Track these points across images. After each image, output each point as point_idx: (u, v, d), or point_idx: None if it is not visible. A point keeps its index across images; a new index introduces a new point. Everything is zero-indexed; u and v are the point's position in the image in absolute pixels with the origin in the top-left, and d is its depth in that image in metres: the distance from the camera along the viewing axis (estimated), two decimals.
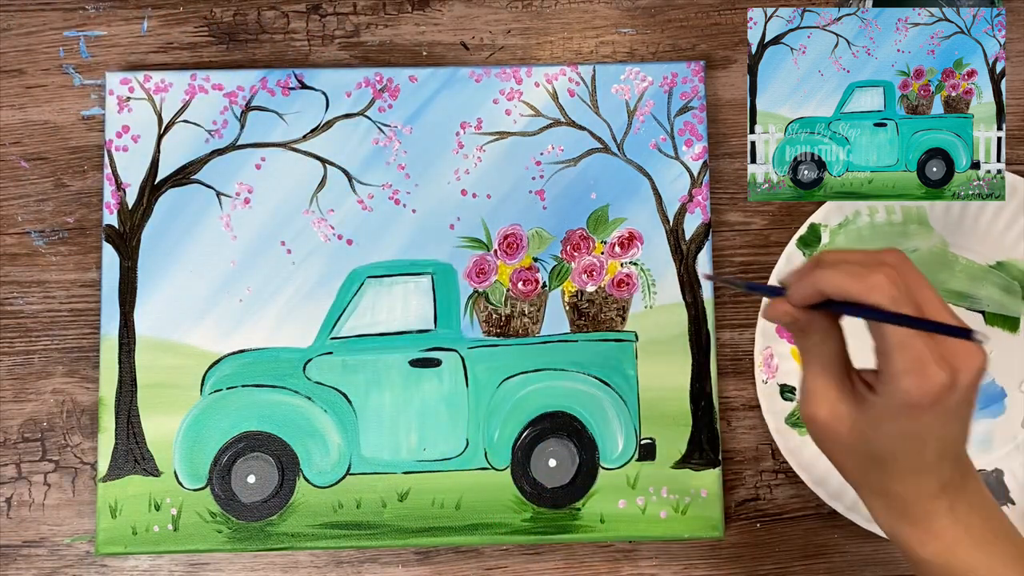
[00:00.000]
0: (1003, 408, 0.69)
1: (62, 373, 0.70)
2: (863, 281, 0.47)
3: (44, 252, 0.70)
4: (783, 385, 0.69)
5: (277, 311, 0.69)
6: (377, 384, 0.69)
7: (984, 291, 0.70)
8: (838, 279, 0.48)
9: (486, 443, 0.68)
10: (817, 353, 0.51)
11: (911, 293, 0.48)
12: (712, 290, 0.70)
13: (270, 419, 0.68)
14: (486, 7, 0.73)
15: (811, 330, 0.50)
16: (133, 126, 0.70)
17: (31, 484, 0.69)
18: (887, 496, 0.51)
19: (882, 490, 0.51)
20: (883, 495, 0.51)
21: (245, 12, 0.72)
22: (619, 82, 0.71)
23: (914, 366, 0.47)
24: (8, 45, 0.72)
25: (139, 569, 0.68)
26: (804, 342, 0.51)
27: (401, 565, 0.69)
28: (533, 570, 0.69)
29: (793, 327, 0.51)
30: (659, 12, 0.73)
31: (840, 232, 0.69)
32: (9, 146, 0.71)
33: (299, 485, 0.68)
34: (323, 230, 0.70)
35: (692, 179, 0.70)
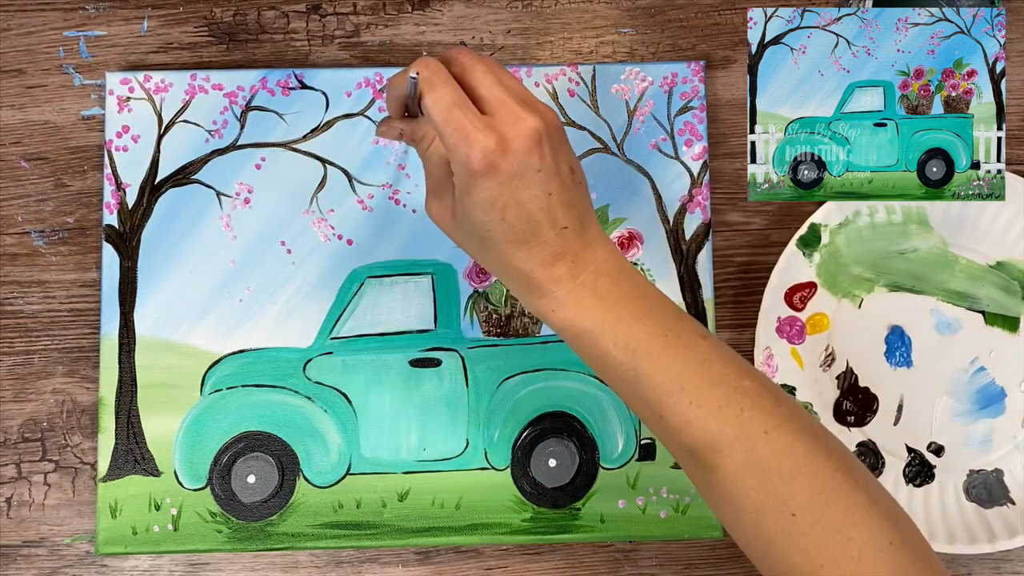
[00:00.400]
0: (1003, 408, 0.70)
1: (62, 373, 0.70)
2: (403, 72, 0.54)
3: (44, 252, 0.70)
4: (783, 385, 0.69)
5: (277, 311, 0.69)
6: (377, 384, 0.69)
7: (984, 291, 0.70)
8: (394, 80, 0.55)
9: (486, 443, 0.68)
10: (427, 156, 0.56)
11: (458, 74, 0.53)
12: (712, 290, 0.70)
13: (270, 419, 0.68)
14: (486, 7, 0.73)
15: (417, 137, 0.56)
16: (133, 126, 0.70)
17: (31, 484, 0.69)
18: (510, 273, 0.54)
19: (504, 269, 0.54)
20: (507, 273, 0.54)
21: (245, 12, 0.73)
22: (619, 82, 0.71)
23: (460, 137, 0.51)
24: (8, 45, 0.72)
25: (139, 569, 0.68)
26: (418, 150, 0.57)
27: (401, 565, 0.69)
28: (533, 570, 0.69)
29: (404, 139, 0.58)
30: (659, 12, 0.73)
31: (840, 232, 0.69)
32: (9, 146, 0.71)
33: (299, 485, 0.68)
34: (323, 230, 0.70)
35: (692, 179, 0.70)
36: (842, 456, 0.52)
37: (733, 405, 0.51)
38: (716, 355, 0.53)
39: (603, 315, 0.53)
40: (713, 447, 0.51)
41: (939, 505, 0.68)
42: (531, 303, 0.54)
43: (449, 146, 0.52)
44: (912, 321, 0.70)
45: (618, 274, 0.54)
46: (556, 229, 0.53)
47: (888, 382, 0.70)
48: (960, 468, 0.69)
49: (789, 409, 0.52)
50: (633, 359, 0.52)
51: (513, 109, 0.52)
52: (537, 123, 0.52)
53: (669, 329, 0.53)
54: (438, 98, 0.52)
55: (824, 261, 0.69)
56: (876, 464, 0.69)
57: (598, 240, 0.55)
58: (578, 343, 0.54)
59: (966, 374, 0.70)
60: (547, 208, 0.52)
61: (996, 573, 0.69)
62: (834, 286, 0.70)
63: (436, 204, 0.56)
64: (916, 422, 0.69)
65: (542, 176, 0.52)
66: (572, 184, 0.54)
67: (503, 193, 0.52)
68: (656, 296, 0.55)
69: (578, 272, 0.53)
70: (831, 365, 0.70)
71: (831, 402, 0.69)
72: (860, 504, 0.50)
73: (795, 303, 0.69)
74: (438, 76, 0.52)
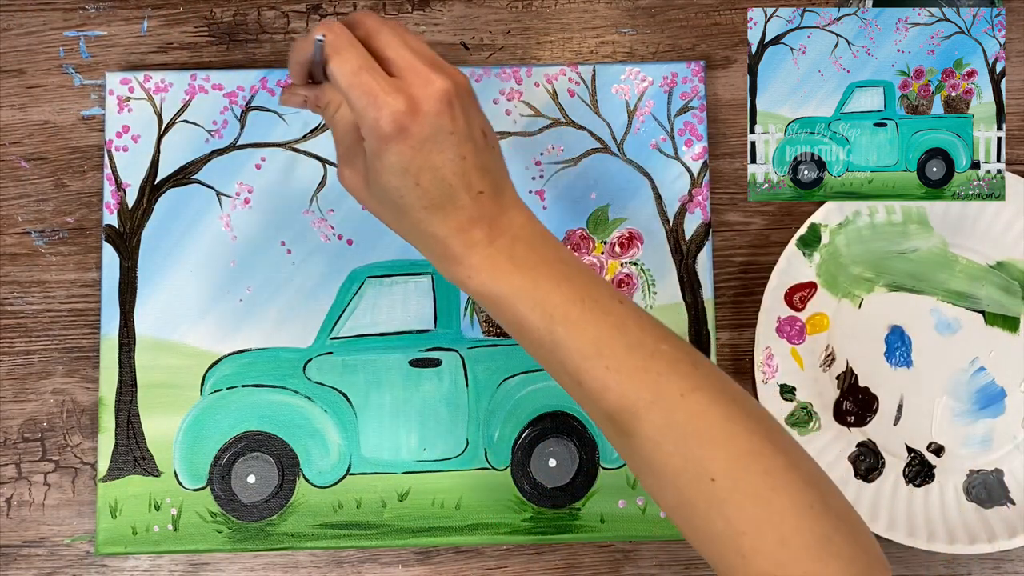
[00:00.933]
0: (1003, 408, 0.70)
1: (62, 373, 0.70)
2: (308, 36, 0.52)
3: (44, 252, 0.70)
4: (783, 385, 0.69)
5: (277, 311, 0.69)
6: (377, 384, 0.69)
7: (984, 291, 0.70)
8: (298, 45, 0.53)
9: (486, 443, 0.68)
10: (334, 123, 0.54)
11: (363, 38, 0.52)
12: (712, 290, 0.70)
13: (270, 419, 0.68)
14: (486, 7, 0.73)
15: (322, 103, 0.54)
16: (133, 126, 0.70)
17: (31, 484, 0.69)
18: (426, 240, 0.53)
19: (419, 236, 0.53)
20: (422, 241, 0.54)
21: (245, 12, 0.72)
22: (619, 82, 0.71)
23: (368, 100, 0.50)
24: (8, 45, 0.72)
25: (139, 569, 0.68)
26: (324, 117, 0.55)
27: (401, 565, 0.69)
28: (533, 570, 0.69)
29: (309, 106, 0.55)
30: (659, 12, 0.73)
31: (840, 232, 0.69)
32: (9, 146, 0.71)
33: (299, 485, 0.68)
34: (323, 230, 0.70)
35: (692, 179, 0.70)
36: (761, 419, 0.51)
37: (650, 369, 0.51)
38: (633, 319, 0.52)
39: (520, 280, 0.52)
40: (631, 411, 0.51)
41: (939, 505, 0.68)
42: (448, 270, 0.53)
43: (357, 110, 0.50)
44: (912, 321, 0.70)
45: (535, 239, 0.53)
46: (471, 194, 0.52)
47: (888, 382, 0.70)
48: (960, 468, 0.69)
49: (707, 372, 0.52)
50: (550, 324, 0.52)
51: (422, 71, 0.51)
52: (447, 84, 0.51)
53: (586, 294, 0.52)
54: (343, 60, 0.50)
55: (824, 261, 0.69)
56: (876, 464, 0.69)
57: (514, 205, 0.54)
58: (495, 309, 0.53)
59: (966, 374, 0.70)
60: (462, 172, 0.51)
61: (996, 573, 0.69)
62: (834, 286, 0.70)
63: (348, 171, 0.54)
64: (916, 422, 0.69)
65: (455, 139, 0.51)
66: (486, 147, 0.53)
67: (416, 157, 0.50)
68: (573, 261, 0.54)
69: (494, 237, 0.52)
70: (831, 365, 0.70)
71: (831, 402, 0.69)
72: (779, 467, 0.49)
73: (795, 303, 0.69)
74: (343, 39, 0.51)
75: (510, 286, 0.52)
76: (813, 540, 0.48)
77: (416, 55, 0.51)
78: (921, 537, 0.67)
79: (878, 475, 0.69)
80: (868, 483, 0.68)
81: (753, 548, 0.49)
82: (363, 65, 0.50)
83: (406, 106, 0.50)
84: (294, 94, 0.56)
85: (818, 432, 0.69)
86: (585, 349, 0.51)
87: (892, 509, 0.68)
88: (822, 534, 0.48)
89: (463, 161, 0.51)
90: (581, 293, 0.52)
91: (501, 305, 0.53)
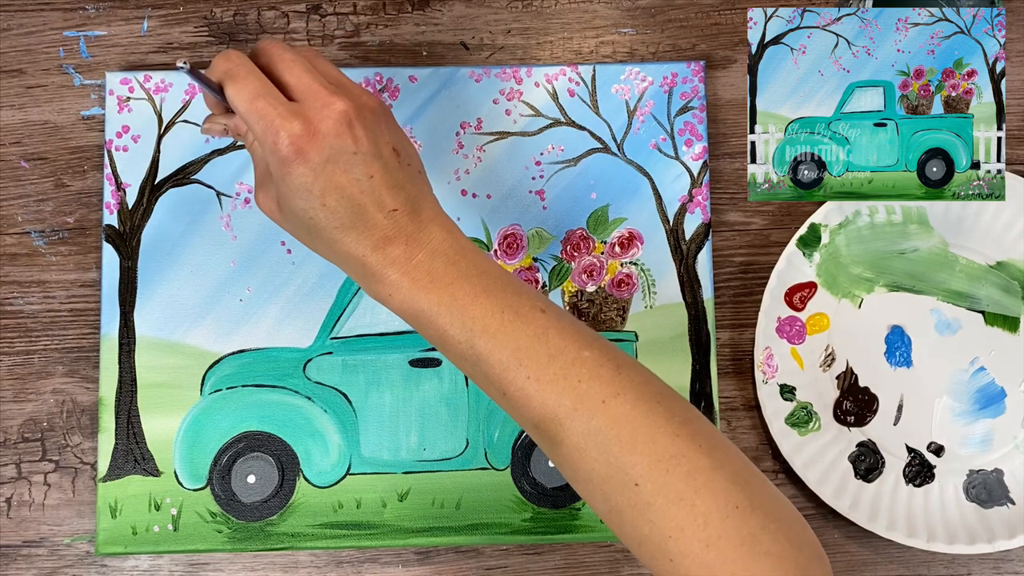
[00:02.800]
0: (1003, 408, 0.70)
1: (62, 373, 0.70)
2: (213, 66, 0.53)
3: (44, 252, 0.70)
4: (783, 385, 0.69)
5: (277, 311, 0.69)
6: (377, 384, 0.69)
7: (984, 291, 0.70)
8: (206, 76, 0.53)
9: (486, 443, 0.68)
10: (251, 149, 0.56)
11: (265, 65, 0.53)
12: (712, 290, 0.70)
13: (270, 419, 0.68)
14: (486, 7, 0.73)
15: (241, 131, 0.56)
16: (133, 126, 0.70)
17: (31, 484, 0.69)
18: (344, 260, 0.54)
19: (337, 256, 0.54)
20: (341, 260, 0.54)
21: (245, 12, 0.72)
22: (619, 82, 0.71)
23: (266, 125, 0.51)
24: (8, 45, 0.72)
25: (139, 569, 0.68)
26: (245, 144, 0.57)
27: (401, 565, 0.69)
28: (533, 570, 0.69)
29: (230, 134, 0.57)
30: (659, 12, 0.73)
31: (840, 232, 0.69)
32: (9, 146, 0.71)
33: (299, 485, 0.68)
34: None
35: (692, 179, 0.70)
36: (685, 420, 0.51)
37: (571, 377, 0.51)
38: (554, 328, 0.52)
39: (438, 296, 0.52)
40: (554, 420, 0.51)
41: (939, 505, 0.68)
42: (370, 288, 0.54)
43: (257, 136, 0.51)
44: (912, 321, 0.70)
45: (455, 254, 0.53)
46: (384, 212, 0.52)
47: (888, 382, 0.70)
48: (960, 468, 0.69)
49: (630, 377, 0.52)
50: (470, 337, 0.52)
51: (320, 94, 0.51)
52: (345, 105, 0.51)
53: (507, 305, 0.52)
54: (239, 89, 0.51)
55: (824, 261, 0.69)
56: (876, 464, 0.69)
57: (434, 222, 0.54)
58: (417, 325, 0.53)
59: (966, 374, 0.70)
60: (370, 191, 0.52)
61: (996, 573, 0.69)
62: (834, 286, 0.70)
63: (262, 195, 0.56)
64: (916, 422, 0.69)
65: (359, 159, 0.51)
66: (398, 166, 0.53)
67: (318, 178, 0.51)
68: (496, 274, 0.54)
69: (413, 254, 0.53)
70: (831, 365, 0.70)
71: (831, 402, 0.70)
72: (702, 469, 0.49)
73: (795, 303, 0.69)
74: (241, 68, 0.52)
75: (429, 302, 0.52)
76: (739, 541, 0.48)
77: (316, 79, 0.52)
78: (921, 537, 0.67)
79: (878, 475, 0.69)
80: (868, 483, 0.68)
81: (680, 552, 0.49)
82: (259, 91, 0.51)
83: (302, 129, 0.51)
84: (215, 123, 0.58)
85: (818, 432, 0.69)
86: (506, 360, 0.52)
87: (892, 509, 0.68)
88: (748, 534, 0.48)
89: (371, 180, 0.52)
90: (501, 304, 0.52)
91: (422, 321, 0.53)
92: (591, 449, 0.50)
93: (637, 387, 0.51)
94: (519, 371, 0.51)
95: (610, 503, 0.51)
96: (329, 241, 0.53)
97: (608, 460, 0.50)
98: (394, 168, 0.53)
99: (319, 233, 0.53)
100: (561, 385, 0.51)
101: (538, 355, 0.51)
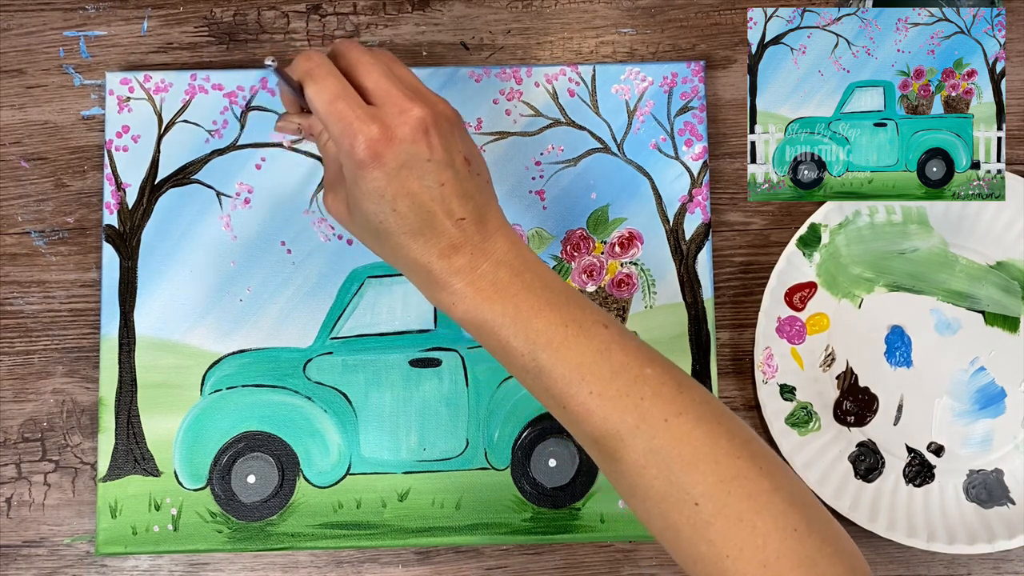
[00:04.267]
0: (1003, 408, 0.70)
1: (62, 373, 0.70)
2: (294, 65, 0.53)
3: (44, 252, 0.70)
4: (783, 385, 0.69)
5: (277, 311, 0.69)
6: (377, 384, 0.69)
7: (984, 291, 0.70)
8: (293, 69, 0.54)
9: (486, 443, 0.68)
10: (324, 151, 0.56)
11: (345, 68, 0.53)
12: (712, 290, 0.70)
13: (270, 419, 0.68)
14: (486, 7, 0.73)
15: (315, 132, 0.56)
16: (133, 126, 0.70)
17: (31, 484, 0.69)
18: (408, 265, 0.54)
19: (402, 262, 0.54)
20: (406, 266, 0.54)
21: (245, 12, 0.73)
22: (619, 82, 0.71)
23: (344, 127, 0.51)
24: (8, 45, 0.72)
25: (139, 569, 0.68)
26: (317, 145, 0.57)
27: (401, 565, 0.69)
28: (533, 570, 0.69)
29: (303, 134, 0.57)
30: (659, 12, 0.73)
31: (840, 232, 0.69)
32: (9, 146, 0.71)
33: (299, 485, 0.68)
34: (323, 230, 0.70)
35: (692, 179, 0.70)
36: (746, 442, 0.51)
37: (633, 394, 0.51)
38: (617, 344, 0.53)
39: (503, 307, 0.52)
40: (615, 436, 0.51)
41: (939, 505, 0.68)
42: (433, 296, 0.54)
43: (335, 137, 0.52)
44: (912, 321, 0.70)
45: (520, 265, 0.54)
46: (452, 220, 0.52)
47: (888, 382, 0.70)
48: (960, 468, 0.69)
49: (692, 396, 0.52)
50: (534, 350, 0.52)
51: (398, 99, 0.52)
52: (422, 112, 0.52)
53: (571, 319, 0.53)
54: (320, 89, 0.52)
55: (824, 261, 0.69)
56: (876, 464, 0.69)
57: (499, 232, 0.54)
58: (480, 335, 0.54)
59: (966, 374, 0.70)
60: (440, 199, 0.52)
61: (996, 573, 0.69)
62: (834, 286, 0.70)
63: (331, 198, 0.56)
64: (916, 422, 0.69)
65: (432, 166, 0.52)
66: (468, 175, 0.53)
67: (392, 183, 0.51)
68: (559, 287, 0.54)
69: (477, 264, 0.53)
70: (831, 365, 0.70)
71: (831, 402, 0.70)
72: (763, 491, 0.50)
73: (795, 303, 0.69)
74: (321, 68, 0.52)
75: (493, 312, 0.53)
76: (797, 563, 0.49)
77: (395, 84, 0.52)
78: (921, 537, 0.67)
79: (878, 475, 0.69)
80: (868, 483, 0.68)
81: (737, 571, 0.49)
82: (339, 93, 0.51)
83: (380, 133, 0.51)
84: (289, 122, 0.58)
85: (818, 432, 0.69)
86: (568, 375, 0.52)
87: (892, 509, 0.68)
88: (806, 556, 0.49)
89: (441, 188, 0.52)
90: (565, 318, 0.53)
91: (485, 331, 0.53)
92: (651, 467, 0.51)
93: (698, 406, 0.52)
94: (581, 386, 0.52)
95: (667, 521, 0.51)
96: (396, 246, 0.53)
97: (668, 478, 0.50)
98: (464, 177, 0.53)
99: (387, 238, 0.53)
100: (624, 402, 0.51)
101: (601, 371, 0.52)
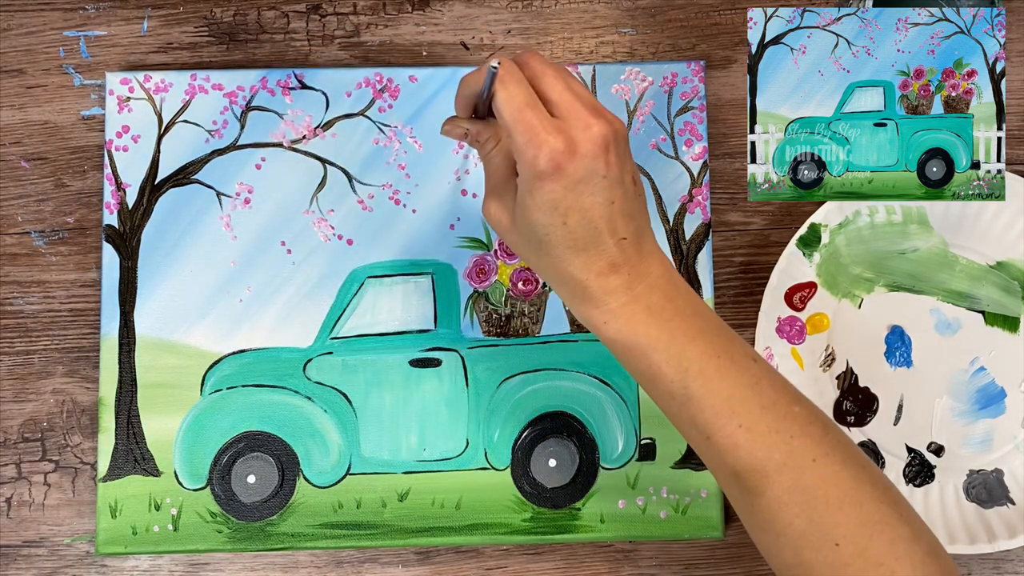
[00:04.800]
0: (1003, 408, 0.70)
1: (62, 373, 0.70)
2: (480, 69, 0.54)
3: (44, 252, 0.70)
4: None
5: (277, 311, 0.69)
6: (377, 384, 0.69)
7: (984, 291, 0.70)
8: (467, 78, 0.55)
9: (486, 443, 0.68)
10: (489, 158, 0.57)
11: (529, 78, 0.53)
12: (712, 290, 0.70)
13: (270, 419, 0.68)
14: (486, 7, 0.73)
15: (482, 139, 0.57)
16: (133, 126, 0.70)
17: (31, 484, 0.69)
18: (564, 280, 0.54)
19: (558, 275, 0.54)
20: (561, 280, 0.54)
21: (245, 12, 0.73)
22: (619, 82, 0.71)
23: (529, 137, 0.51)
24: (8, 45, 0.72)
25: (139, 569, 0.68)
26: (481, 152, 0.57)
27: (401, 565, 0.69)
28: (533, 570, 0.69)
29: (468, 139, 0.57)
30: (659, 12, 0.73)
31: (840, 232, 0.69)
32: (9, 146, 0.71)
33: (299, 485, 0.68)
34: (323, 230, 0.70)
35: (692, 179, 0.70)
36: (887, 488, 0.52)
37: (783, 431, 0.52)
38: (767, 379, 0.53)
39: (656, 332, 0.53)
40: (760, 472, 0.51)
41: (939, 505, 0.68)
42: (583, 313, 0.54)
43: (518, 145, 0.51)
44: (912, 321, 0.70)
45: (672, 290, 0.54)
46: (615, 239, 0.52)
47: (888, 382, 0.70)
48: (960, 468, 0.69)
49: (836, 438, 0.53)
50: (684, 378, 0.52)
51: (583, 115, 0.52)
52: (606, 130, 0.52)
53: (722, 350, 0.53)
54: (510, 96, 0.52)
55: (824, 261, 0.69)
56: (876, 464, 0.69)
57: (653, 254, 0.54)
58: (628, 357, 0.53)
59: (966, 374, 0.70)
60: (608, 217, 0.52)
61: (996, 573, 0.69)
62: (834, 286, 0.70)
63: (495, 205, 0.56)
64: (916, 422, 0.69)
65: (606, 183, 0.52)
66: (634, 195, 0.54)
67: (567, 197, 0.51)
68: (709, 315, 0.54)
69: (633, 285, 0.53)
70: (831, 365, 0.70)
71: (831, 402, 0.70)
72: (904, 538, 0.51)
73: (795, 303, 0.69)
74: (512, 75, 0.52)
75: (647, 336, 0.53)
76: None
77: (578, 99, 0.52)
78: None
79: None
80: None
81: None
82: (528, 102, 0.51)
83: (564, 146, 0.51)
84: (457, 126, 0.58)
85: None
86: (718, 406, 0.52)
87: None
88: None
89: (611, 206, 0.52)
90: (716, 348, 0.53)
91: (635, 354, 0.53)
92: (794, 505, 0.51)
93: (843, 448, 0.52)
94: (731, 419, 0.52)
95: (800, 557, 0.51)
96: (556, 259, 0.53)
97: (811, 517, 0.51)
98: (631, 196, 0.53)
99: (549, 250, 0.53)
100: (773, 438, 0.51)
101: (751, 405, 0.52)
